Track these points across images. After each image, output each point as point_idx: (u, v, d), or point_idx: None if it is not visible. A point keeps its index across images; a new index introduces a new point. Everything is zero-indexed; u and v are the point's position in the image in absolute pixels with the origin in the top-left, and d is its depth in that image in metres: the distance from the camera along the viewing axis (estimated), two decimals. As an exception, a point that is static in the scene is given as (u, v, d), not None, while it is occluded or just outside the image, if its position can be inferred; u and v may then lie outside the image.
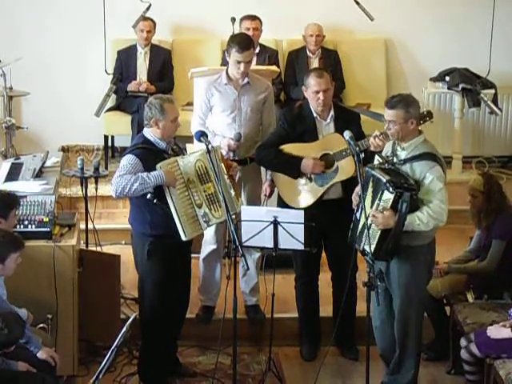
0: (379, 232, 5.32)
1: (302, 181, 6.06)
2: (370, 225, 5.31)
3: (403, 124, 5.39)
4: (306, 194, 6.05)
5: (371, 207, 5.38)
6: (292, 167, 6.03)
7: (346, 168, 5.92)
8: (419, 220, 5.28)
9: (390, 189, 5.23)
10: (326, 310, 6.40)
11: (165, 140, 5.61)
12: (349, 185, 5.86)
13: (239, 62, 6.17)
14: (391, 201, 5.25)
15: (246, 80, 6.26)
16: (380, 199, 5.33)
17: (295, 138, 6.04)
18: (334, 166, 5.99)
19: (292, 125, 6.06)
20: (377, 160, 5.54)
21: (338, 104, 6.41)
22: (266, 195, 6.40)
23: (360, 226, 5.47)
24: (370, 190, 5.42)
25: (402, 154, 5.44)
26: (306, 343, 6.37)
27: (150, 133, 5.61)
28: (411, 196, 5.23)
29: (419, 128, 5.50)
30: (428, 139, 5.51)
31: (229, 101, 6.26)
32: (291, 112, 6.22)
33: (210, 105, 6.31)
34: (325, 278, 6.38)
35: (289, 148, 6.04)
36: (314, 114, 6.04)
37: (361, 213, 5.43)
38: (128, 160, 5.51)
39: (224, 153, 6.19)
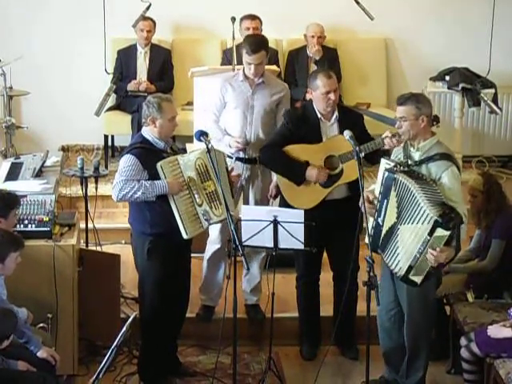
0: (430, 265, 5.21)
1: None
2: (419, 258, 5.19)
3: (414, 121, 5.34)
4: (310, 195, 6.00)
5: (400, 219, 5.24)
6: (297, 173, 5.97)
7: (350, 171, 5.84)
8: (462, 235, 5.26)
9: (446, 226, 5.07)
10: (326, 309, 6.40)
11: (163, 139, 5.62)
12: (355, 184, 5.80)
13: (249, 64, 6.17)
14: (447, 237, 5.10)
15: (260, 79, 6.25)
16: (431, 234, 5.11)
17: (299, 138, 6.00)
18: (339, 169, 5.96)
19: (297, 125, 6.02)
20: (386, 164, 5.42)
21: (342, 105, 6.38)
22: (271, 196, 6.39)
23: (384, 232, 5.34)
24: (392, 194, 5.27)
25: (416, 156, 5.38)
26: (306, 343, 6.37)
27: (149, 132, 5.62)
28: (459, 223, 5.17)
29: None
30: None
31: (242, 97, 6.25)
32: (295, 112, 6.19)
33: (225, 101, 6.30)
34: (325, 278, 6.38)
35: (293, 149, 5.98)
36: (318, 115, 6.01)
37: (383, 218, 5.29)
38: (126, 161, 5.52)
39: (233, 151, 6.20)
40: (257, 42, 6.23)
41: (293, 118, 6.06)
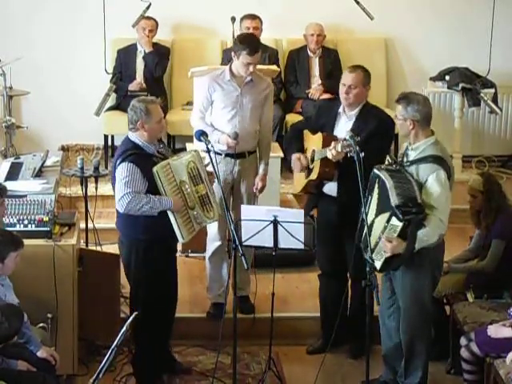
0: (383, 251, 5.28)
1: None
2: (378, 242, 5.27)
3: (402, 122, 5.38)
4: (299, 180, 6.14)
5: (377, 212, 5.33)
6: (287, 157, 6.21)
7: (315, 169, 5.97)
8: (426, 237, 5.23)
9: (400, 216, 5.12)
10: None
11: (152, 143, 5.57)
12: (349, 186, 5.81)
13: (249, 64, 6.17)
14: (399, 228, 5.16)
15: (249, 77, 6.27)
16: (388, 222, 5.21)
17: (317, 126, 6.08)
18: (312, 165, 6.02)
19: (318, 114, 6.16)
20: (387, 160, 5.52)
21: (371, 105, 6.20)
22: (256, 189, 6.38)
23: (367, 227, 5.36)
24: (375, 191, 5.36)
25: (411, 155, 5.40)
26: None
27: (137, 137, 5.54)
28: (419, 220, 5.17)
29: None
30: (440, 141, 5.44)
31: (231, 97, 6.26)
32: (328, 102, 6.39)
33: (212, 99, 6.31)
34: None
35: (306, 134, 6.14)
36: (340, 110, 6.02)
37: (366, 215, 5.34)
38: (126, 169, 5.44)
39: (224, 149, 6.20)
40: (255, 42, 6.28)
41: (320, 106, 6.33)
